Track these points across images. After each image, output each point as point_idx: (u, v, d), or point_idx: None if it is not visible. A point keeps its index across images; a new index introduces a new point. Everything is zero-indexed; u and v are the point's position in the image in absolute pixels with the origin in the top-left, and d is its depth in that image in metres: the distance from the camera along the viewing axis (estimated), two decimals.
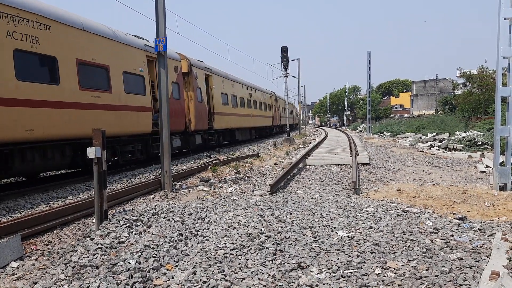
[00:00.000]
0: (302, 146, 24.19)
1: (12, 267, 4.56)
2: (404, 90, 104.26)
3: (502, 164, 8.56)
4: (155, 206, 6.63)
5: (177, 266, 4.17)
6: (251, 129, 29.95)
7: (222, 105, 21.74)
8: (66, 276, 3.93)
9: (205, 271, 3.97)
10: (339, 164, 13.45)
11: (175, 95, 15.25)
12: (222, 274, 3.90)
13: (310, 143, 26.35)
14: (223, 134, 23.22)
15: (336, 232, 5.17)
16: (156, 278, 3.87)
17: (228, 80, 23.47)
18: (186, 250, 4.64)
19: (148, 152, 14.19)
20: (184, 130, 16.66)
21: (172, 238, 4.95)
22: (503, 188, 8.27)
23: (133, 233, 5.10)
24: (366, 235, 5.03)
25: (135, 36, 14.08)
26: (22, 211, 7.44)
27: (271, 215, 5.99)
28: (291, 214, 6.09)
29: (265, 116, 34.14)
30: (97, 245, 4.61)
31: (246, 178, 11.48)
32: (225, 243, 4.78)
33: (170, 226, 5.45)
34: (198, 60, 19.88)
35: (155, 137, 13.78)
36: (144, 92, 13.46)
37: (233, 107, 23.98)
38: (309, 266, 4.10)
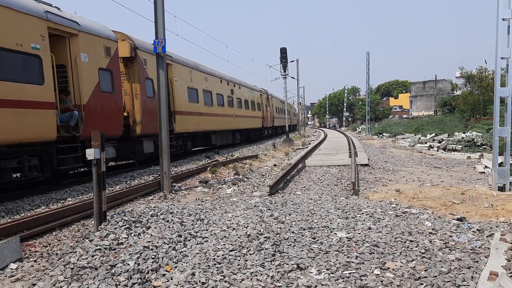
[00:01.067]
0: (301, 147, 24.20)
1: (11, 269, 4.56)
2: (403, 91, 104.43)
3: (501, 164, 8.57)
4: (154, 207, 6.63)
5: (176, 267, 4.17)
6: (235, 132, 25.57)
7: (189, 102, 17.20)
8: (65, 278, 3.93)
9: (204, 272, 3.97)
10: (338, 165, 13.46)
11: (104, 87, 11.23)
12: (221, 275, 3.90)
13: (309, 144, 26.36)
14: (193, 138, 18.70)
15: (335, 233, 5.18)
16: (155, 279, 3.87)
17: (198, 72, 18.79)
18: (185, 251, 4.64)
19: (53, 168, 9.72)
20: (123, 135, 12.60)
21: (171, 239, 4.95)
22: (502, 189, 8.27)
23: (132, 234, 5.10)
24: (365, 236, 5.03)
25: None
26: (21, 213, 7.44)
27: (270, 216, 5.99)
28: (290, 215, 6.10)
29: (252, 117, 29.60)
30: (96, 246, 4.61)
31: (245, 179, 11.48)
32: (224, 244, 4.78)
33: (169, 227, 5.45)
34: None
35: (64, 147, 9.92)
36: (40, 80, 9.05)
37: (206, 106, 19.39)
38: (308, 267, 4.11)
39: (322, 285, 3.69)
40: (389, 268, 4.04)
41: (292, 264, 4.14)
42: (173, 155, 15.25)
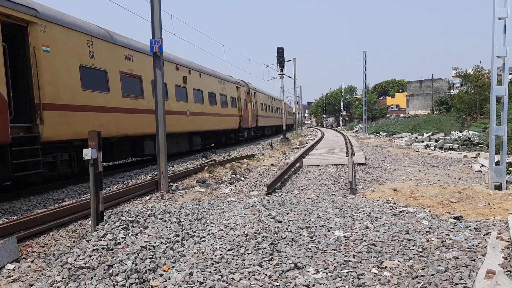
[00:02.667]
0: (298, 146, 24.21)
1: (8, 269, 4.54)
2: (400, 90, 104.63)
3: (497, 163, 8.60)
4: (151, 207, 6.62)
5: (173, 267, 4.17)
6: (193, 135, 18.63)
7: (82, 90, 10.62)
8: (62, 278, 3.92)
9: (201, 271, 3.97)
10: (336, 164, 13.48)
11: None
12: (219, 275, 3.90)
13: (307, 143, 26.38)
14: (108, 146, 12.19)
15: (332, 232, 5.18)
16: (153, 279, 3.87)
17: (110, 44, 12.05)
18: (183, 251, 4.63)
19: None
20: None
21: (169, 239, 4.94)
22: (498, 187, 8.30)
23: (130, 234, 5.08)
24: (362, 235, 5.04)
25: None
26: (18, 213, 7.41)
27: (268, 215, 5.99)
28: (287, 214, 6.10)
29: (224, 115, 22.73)
30: (94, 246, 4.60)
31: (243, 178, 11.48)
32: (222, 244, 4.78)
33: (167, 227, 5.44)
34: None
35: None
36: None
37: (126, 97, 12.68)
38: (305, 266, 4.11)
39: (320, 284, 3.70)
40: (386, 267, 4.05)
41: (290, 264, 4.14)
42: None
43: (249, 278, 3.83)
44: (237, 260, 4.29)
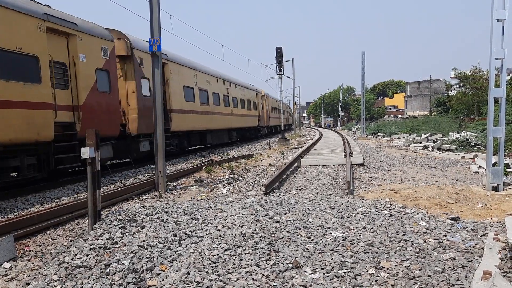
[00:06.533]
0: (296, 146, 24.22)
1: (5, 268, 4.53)
2: (398, 91, 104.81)
3: (495, 164, 8.62)
4: (149, 206, 6.61)
5: (171, 266, 4.16)
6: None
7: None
8: (59, 277, 3.91)
9: (199, 271, 3.97)
10: (334, 165, 13.49)
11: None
12: (216, 275, 3.89)
13: (305, 143, 26.39)
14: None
15: (330, 232, 5.19)
16: (150, 279, 3.86)
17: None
18: (180, 250, 4.63)
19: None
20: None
21: (166, 239, 4.94)
22: (495, 189, 8.32)
23: (127, 234, 5.08)
24: (360, 235, 5.05)
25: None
26: (15, 212, 7.40)
27: (266, 215, 5.99)
28: (285, 214, 6.10)
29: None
30: (91, 245, 4.59)
31: (241, 178, 11.48)
32: (219, 244, 4.78)
33: (164, 227, 5.43)
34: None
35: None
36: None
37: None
38: (303, 266, 4.11)
39: (317, 284, 3.70)
40: (383, 267, 4.05)
41: (287, 264, 4.14)
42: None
43: (246, 278, 3.83)
44: (234, 260, 4.29)
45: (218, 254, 4.43)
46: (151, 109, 12.60)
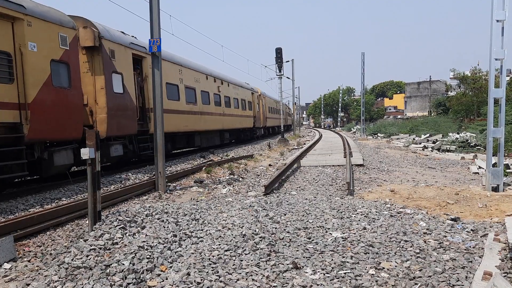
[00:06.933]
0: (296, 147, 24.22)
1: (5, 269, 4.53)
2: (398, 92, 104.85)
3: (494, 165, 8.62)
4: (149, 207, 6.61)
5: (171, 267, 4.16)
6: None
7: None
8: (59, 278, 3.91)
9: (199, 272, 3.97)
10: (333, 165, 13.49)
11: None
12: (216, 275, 3.89)
13: (305, 144, 26.39)
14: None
15: (330, 233, 5.19)
16: (150, 279, 3.86)
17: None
18: (180, 251, 4.63)
19: None
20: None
21: (166, 239, 4.94)
22: (495, 189, 8.33)
23: (127, 234, 5.08)
24: (360, 236, 5.05)
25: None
26: (15, 212, 7.39)
27: (265, 216, 5.99)
28: (285, 215, 6.10)
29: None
30: (91, 246, 4.58)
31: (241, 179, 11.47)
32: (220, 244, 4.78)
33: (164, 227, 5.43)
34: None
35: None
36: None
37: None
38: (303, 266, 4.11)
39: (317, 285, 3.70)
40: (384, 268, 4.05)
41: (288, 264, 4.14)
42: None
43: (246, 279, 3.83)
44: (234, 260, 4.29)
45: (218, 255, 4.43)
46: (124, 108, 12.11)
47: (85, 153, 5.31)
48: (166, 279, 3.86)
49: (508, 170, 10.59)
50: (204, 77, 20.21)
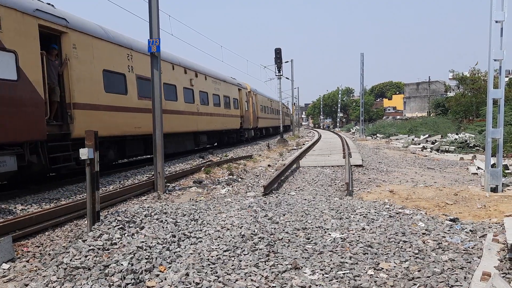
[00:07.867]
0: (295, 147, 24.22)
1: (3, 269, 4.52)
2: (397, 92, 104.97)
3: (493, 166, 8.63)
4: (148, 207, 6.60)
5: (170, 267, 4.16)
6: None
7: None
8: (58, 278, 3.90)
9: (198, 272, 3.97)
10: (332, 166, 13.49)
11: None
12: (215, 276, 3.89)
13: (304, 144, 26.39)
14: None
15: (329, 234, 5.19)
16: (149, 280, 3.86)
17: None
18: (179, 251, 4.62)
19: None
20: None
21: (165, 240, 4.93)
22: (494, 190, 8.33)
23: (126, 235, 5.07)
24: (358, 236, 5.05)
25: None
26: (14, 212, 7.38)
27: (264, 216, 5.99)
28: (284, 215, 6.10)
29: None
30: (89, 246, 4.58)
31: (240, 179, 11.47)
32: (218, 245, 4.78)
33: (163, 228, 5.43)
34: None
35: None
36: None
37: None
38: (302, 267, 4.11)
39: (316, 285, 3.70)
40: (382, 268, 4.05)
41: (287, 265, 4.14)
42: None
43: (245, 279, 3.83)
44: (233, 261, 4.29)
45: (217, 255, 4.43)
46: (18, 102, 8.39)
47: (84, 153, 5.30)
48: (165, 279, 3.86)
49: (507, 171, 10.60)
50: (170, 67, 16.10)
